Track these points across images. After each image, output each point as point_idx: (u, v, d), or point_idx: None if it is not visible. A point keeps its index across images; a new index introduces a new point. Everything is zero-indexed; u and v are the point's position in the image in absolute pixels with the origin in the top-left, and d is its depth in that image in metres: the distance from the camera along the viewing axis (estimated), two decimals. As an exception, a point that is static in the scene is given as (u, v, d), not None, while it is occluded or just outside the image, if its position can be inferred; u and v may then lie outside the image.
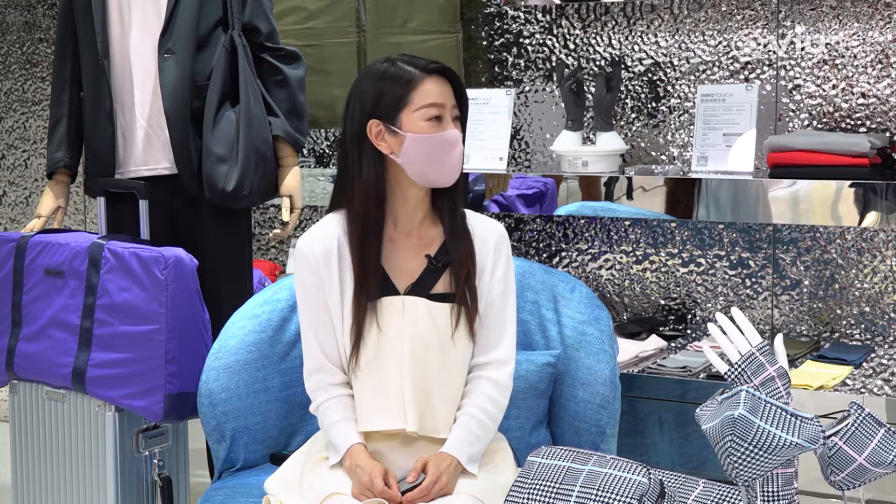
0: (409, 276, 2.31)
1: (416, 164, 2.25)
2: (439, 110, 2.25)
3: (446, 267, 2.31)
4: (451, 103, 2.27)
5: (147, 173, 3.03)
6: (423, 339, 2.27)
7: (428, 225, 2.34)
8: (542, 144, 3.65)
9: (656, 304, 3.52)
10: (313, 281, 2.31)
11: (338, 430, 2.28)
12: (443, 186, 2.29)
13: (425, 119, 2.24)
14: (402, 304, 2.28)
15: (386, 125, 2.25)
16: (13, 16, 4.50)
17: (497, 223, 2.39)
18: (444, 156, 2.25)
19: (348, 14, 3.58)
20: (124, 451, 2.80)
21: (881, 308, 3.22)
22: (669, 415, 3.06)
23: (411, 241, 2.32)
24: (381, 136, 2.26)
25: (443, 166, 2.26)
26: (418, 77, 2.25)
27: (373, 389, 2.26)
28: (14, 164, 4.58)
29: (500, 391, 2.32)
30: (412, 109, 2.24)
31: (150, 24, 2.98)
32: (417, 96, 2.24)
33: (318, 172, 3.84)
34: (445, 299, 2.29)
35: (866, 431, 1.95)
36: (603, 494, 1.93)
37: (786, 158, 3.03)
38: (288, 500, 2.28)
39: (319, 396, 2.32)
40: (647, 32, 3.46)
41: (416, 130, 2.24)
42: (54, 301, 2.84)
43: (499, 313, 2.33)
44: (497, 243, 2.35)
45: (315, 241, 2.31)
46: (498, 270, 2.34)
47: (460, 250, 2.30)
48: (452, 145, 2.25)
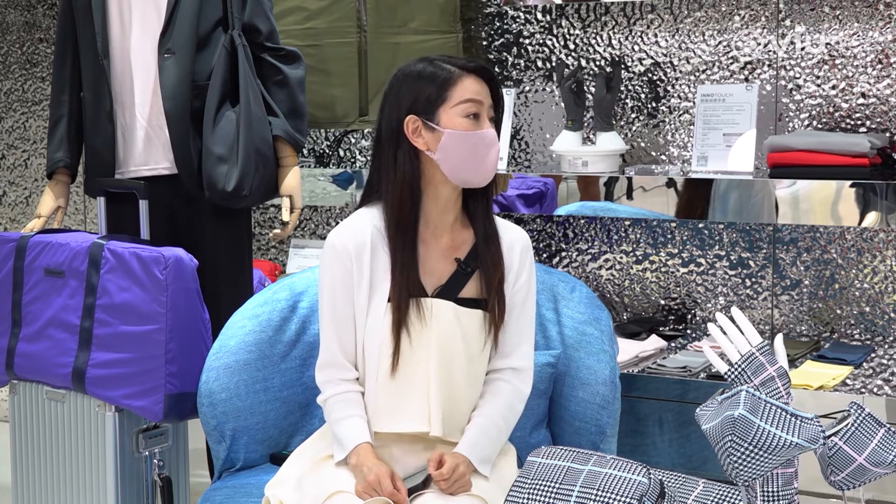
0: (438, 278, 2.30)
1: (452, 161, 2.24)
2: (477, 107, 2.24)
3: (474, 271, 2.30)
4: (488, 102, 2.27)
5: (147, 173, 3.03)
6: (449, 343, 2.26)
7: (458, 228, 2.33)
8: (542, 144, 3.65)
9: (656, 304, 3.52)
10: (342, 276, 2.28)
11: (346, 426, 2.27)
12: (476, 186, 2.29)
13: (463, 115, 2.24)
14: (431, 307, 2.26)
15: (423, 121, 2.25)
16: (13, 16, 4.50)
17: (521, 230, 2.39)
18: (481, 154, 2.24)
19: (348, 14, 3.58)
20: (124, 451, 2.80)
21: (881, 308, 3.22)
22: (669, 415, 3.06)
23: (442, 242, 2.31)
24: (418, 132, 2.25)
25: (478, 165, 2.25)
26: (457, 74, 2.25)
27: (398, 390, 2.25)
28: (14, 164, 4.58)
29: (517, 397, 2.33)
30: (451, 105, 2.24)
31: (150, 24, 2.98)
32: (456, 92, 2.24)
33: (318, 172, 3.84)
34: (472, 304, 2.29)
35: (866, 431, 1.95)
36: (603, 494, 1.93)
37: (786, 158, 3.03)
38: (288, 500, 2.28)
39: (329, 390, 2.30)
40: (647, 32, 3.46)
41: (453, 126, 2.23)
42: (54, 301, 2.84)
43: (519, 320, 2.33)
44: (522, 250, 2.35)
45: (348, 236, 2.29)
46: (522, 277, 2.34)
47: (491, 256, 2.30)
48: (489, 145, 2.25)
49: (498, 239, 2.32)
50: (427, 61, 2.28)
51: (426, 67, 2.27)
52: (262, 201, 3.16)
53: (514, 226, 2.39)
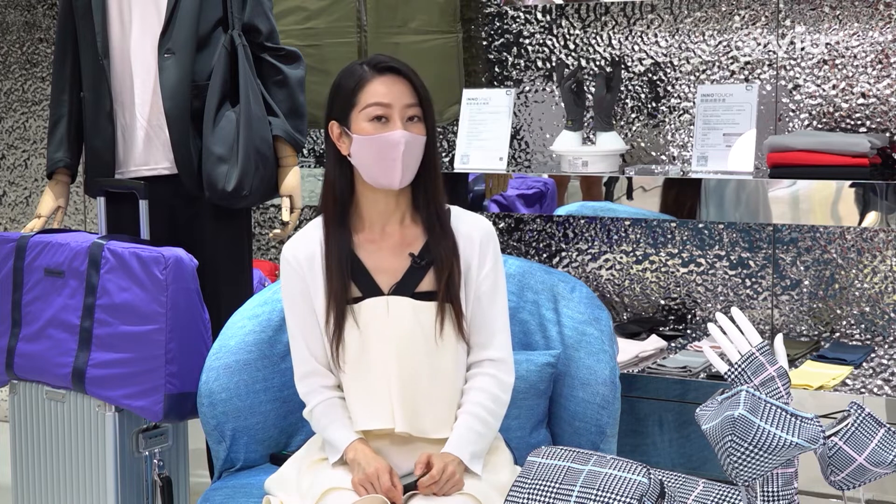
0: (394, 275, 2.30)
1: (364, 166, 2.25)
2: (384, 110, 2.23)
3: (430, 265, 2.30)
4: (401, 103, 2.24)
5: (147, 173, 3.02)
6: (408, 339, 2.26)
7: (409, 224, 2.33)
8: (542, 144, 3.65)
9: (656, 304, 3.52)
10: (299, 286, 2.31)
11: (334, 430, 2.28)
12: (390, 188, 2.27)
13: (368, 119, 2.24)
14: (387, 304, 2.27)
15: (341, 126, 2.27)
16: (13, 16, 4.50)
17: (484, 220, 2.37)
18: (387, 157, 2.22)
19: (349, 14, 3.58)
20: (124, 451, 2.80)
21: (881, 308, 3.22)
22: (669, 415, 3.06)
23: (393, 240, 2.31)
24: (340, 137, 2.27)
25: (386, 168, 2.23)
26: (368, 76, 2.24)
27: (361, 390, 2.27)
28: (14, 164, 4.58)
29: (500, 387, 2.31)
30: (359, 109, 2.24)
31: (150, 24, 2.98)
32: (363, 96, 2.24)
33: (318, 172, 3.83)
34: (431, 298, 2.28)
35: (866, 431, 1.95)
36: (603, 494, 1.93)
37: (786, 158, 3.03)
38: (288, 500, 2.28)
39: (312, 400, 2.32)
40: (647, 32, 3.46)
41: (361, 131, 2.24)
42: (54, 301, 2.84)
43: (487, 311, 2.32)
44: (483, 240, 2.33)
45: (299, 247, 2.32)
46: (484, 268, 2.32)
47: (443, 248, 2.29)
48: (393, 146, 2.22)
49: (449, 230, 2.31)
50: (358, 63, 2.28)
51: (348, 69, 2.28)
52: (262, 201, 3.16)
53: (475, 216, 2.37)
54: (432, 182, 2.31)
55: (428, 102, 2.28)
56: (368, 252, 2.30)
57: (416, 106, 2.26)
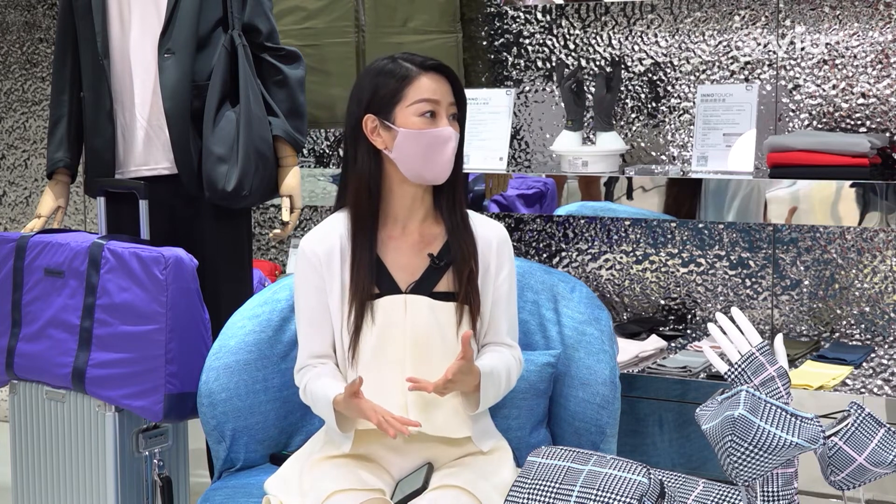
0: (412, 274, 2.31)
1: (409, 160, 2.26)
2: (433, 106, 2.25)
3: (449, 266, 2.31)
4: (447, 101, 2.28)
5: (147, 173, 3.03)
6: (425, 338, 2.27)
7: (430, 223, 2.34)
8: (542, 144, 3.65)
9: (656, 304, 3.52)
10: (315, 281, 2.31)
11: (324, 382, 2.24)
12: (434, 183, 2.30)
13: (418, 114, 2.25)
14: (405, 303, 2.28)
15: (381, 120, 2.27)
16: (13, 16, 4.50)
17: (499, 224, 2.39)
18: (436, 152, 2.25)
19: (347, 14, 3.58)
20: (124, 451, 2.80)
21: (881, 308, 3.22)
22: (669, 415, 3.06)
23: (413, 239, 2.32)
24: (376, 131, 2.27)
25: (434, 163, 2.26)
26: (414, 73, 2.26)
27: (375, 388, 2.26)
28: (14, 164, 4.58)
29: (516, 366, 2.33)
30: (406, 104, 2.25)
31: (150, 24, 2.98)
32: (412, 91, 2.25)
33: (318, 172, 3.84)
34: (448, 298, 2.29)
35: (866, 431, 1.95)
36: (603, 494, 1.93)
37: (786, 158, 3.03)
38: (288, 500, 2.28)
39: (305, 377, 2.31)
40: (647, 32, 3.46)
41: (408, 125, 2.25)
42: (54, 301, 2.84)
43: (502, 315, 2.35)
44: (500, 245, 2.36)
45: (317, 241, 2.32)
46: (502, 272, 2.35)
47: (463, 249, 2.30)
48: (445, 142, 2.25)
49: (470, 232, 2.33)
50: (390, 59, 2.29)
51: (385, 66, 2.28)
52: (262, 201, 3.16)
53: (490, 221, 2.39)
54: (459, 182, 2.34)
55: (464, 103, 2.33)
56: (388, 249, 2.31)
57: (454, 105, 2.30)
